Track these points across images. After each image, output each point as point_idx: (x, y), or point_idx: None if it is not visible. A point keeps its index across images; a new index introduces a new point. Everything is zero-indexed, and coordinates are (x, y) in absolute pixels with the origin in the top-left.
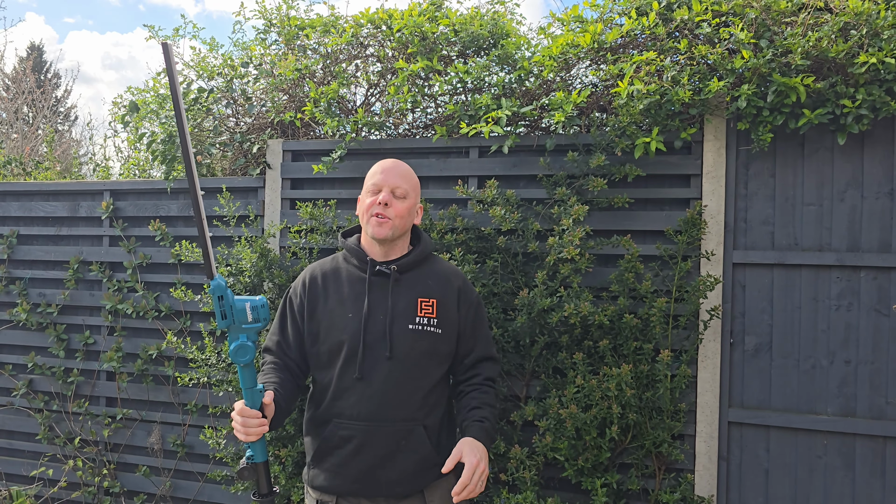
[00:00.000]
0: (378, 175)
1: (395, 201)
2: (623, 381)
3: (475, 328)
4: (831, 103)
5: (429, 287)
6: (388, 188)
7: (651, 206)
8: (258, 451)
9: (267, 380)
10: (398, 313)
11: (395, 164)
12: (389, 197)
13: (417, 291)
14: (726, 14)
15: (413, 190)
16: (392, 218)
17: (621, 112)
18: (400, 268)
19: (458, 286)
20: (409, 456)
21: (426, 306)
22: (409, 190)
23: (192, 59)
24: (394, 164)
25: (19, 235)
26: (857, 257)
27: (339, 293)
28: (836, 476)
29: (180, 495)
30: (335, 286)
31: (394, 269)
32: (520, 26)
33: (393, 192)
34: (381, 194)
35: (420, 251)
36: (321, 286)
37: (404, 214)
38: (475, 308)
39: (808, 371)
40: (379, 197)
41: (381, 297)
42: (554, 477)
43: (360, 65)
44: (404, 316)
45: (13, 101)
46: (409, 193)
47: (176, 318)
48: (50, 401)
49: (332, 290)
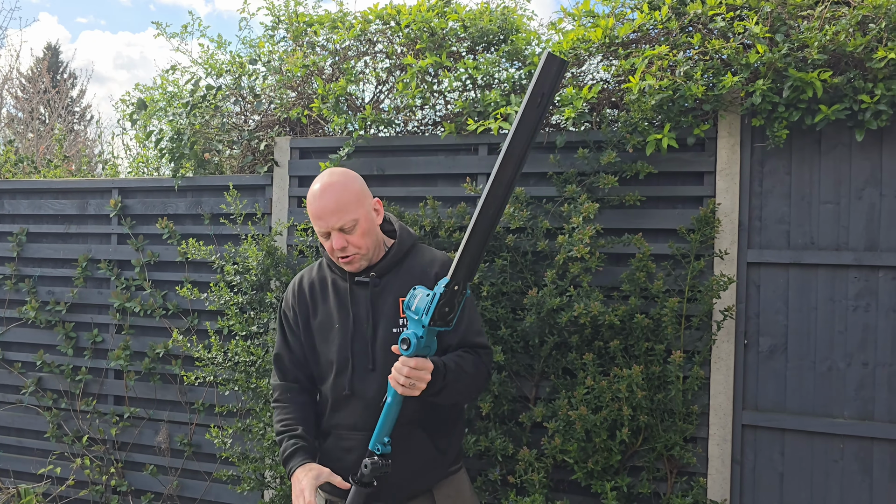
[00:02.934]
0: (318, 221)
1: (348, 236)
2: (634, 383)
3: (461, 315)
4: (849, 99)
5: (408, 285)
6: (335, 230)
7: (663, 203)
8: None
9: (285, 420)
10: (381, 320)
11: (325, 199)
12: (341, 239)
13: (398, 292)
14: (741, 8)
15: (357, 209)
16: (356, 251)
17: (633, 108)
18: (378, 272)
19: (435, 273)
20: (412, 459)
21: None
22: (353, 215)
23: (200, 56)
24: (323, 198)
25: (29, 233)
26: (875, 257)
27: (325, 305)
28: (853, 481)
29: (187, 494)
30: (322, 297)
31: (372, 275)
32: (530, 21)
33: (342, 230)
34: (333, 239)
35: (397, 250)
36: (309, 299)
37: (364, 240)
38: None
39: (824, 373)
40: (333, 243)
41: (364, 305)
42: (563, 480)
43: (369, 61)
44: (388, 321)
45: (29, 101)
46: (357, 216)
47: (183, 317)
48: (58, 399)
49: (320, 300)
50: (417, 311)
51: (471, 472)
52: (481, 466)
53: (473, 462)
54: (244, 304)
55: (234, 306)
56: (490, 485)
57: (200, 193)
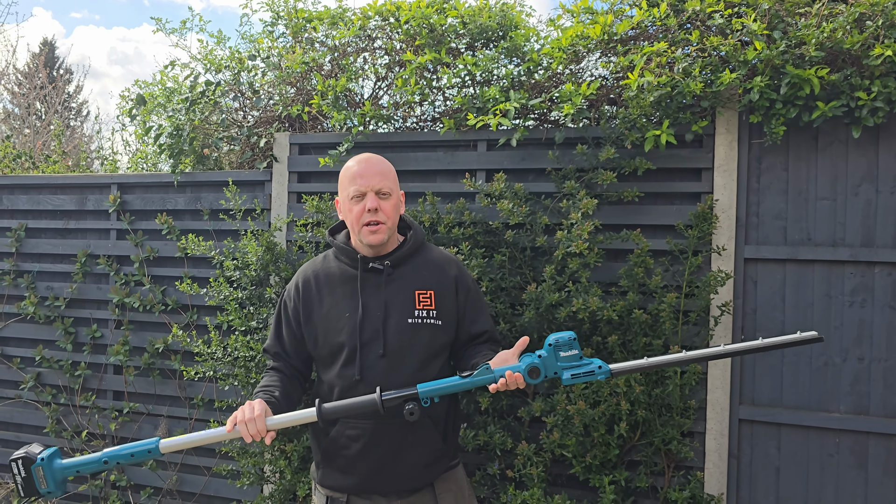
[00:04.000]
0: (358, 179)
1: (381, 202)
2: (632, 378)
3: (475, 314)
4: (846, 96)
5: (424, 278)
6: (373, 191)
7: (661, 200)
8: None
9: (267, 383)
10: (394, 309)
11: (370, 162)
12: (376, 201)
13: (413, 284)
14: (739, 5)
15: (394, 183)
16: (384, 221)
17: (631, 104)
18: (393, 262)
19: (454, 275)
20: (418, 449)
21: (424, 298)
22: (392, 185)
23: (199, 52)
24: (368, 161)
25: (27, 229)
26: (871, 252)
27: (333, 294)
28: (848, 475)
29: (186, 489)
30: (329, 287)
31: (387, 264)
32: (529, 18)
33: (378, 194)
34: (366, 200)
35: (412, 243)
36: (315, 289)
37: (392, 213)
38: (474, 293)
39: (820, 368)
40: (367, 203)
41: (374, 293)
42: (561, 474)
43: (368, 57)
44: (402, 310)
45: (25, 97)
46: (392, 188)
47: (182, 312)
48: (57, 394)
49: (327, 291)
50: (564, 360)
51: (470, 467)
52: (480, 461)
53: (472, 456)
54: (243, 299)
55: (233, 301)
56: (489, 479)
57: (200, 189)
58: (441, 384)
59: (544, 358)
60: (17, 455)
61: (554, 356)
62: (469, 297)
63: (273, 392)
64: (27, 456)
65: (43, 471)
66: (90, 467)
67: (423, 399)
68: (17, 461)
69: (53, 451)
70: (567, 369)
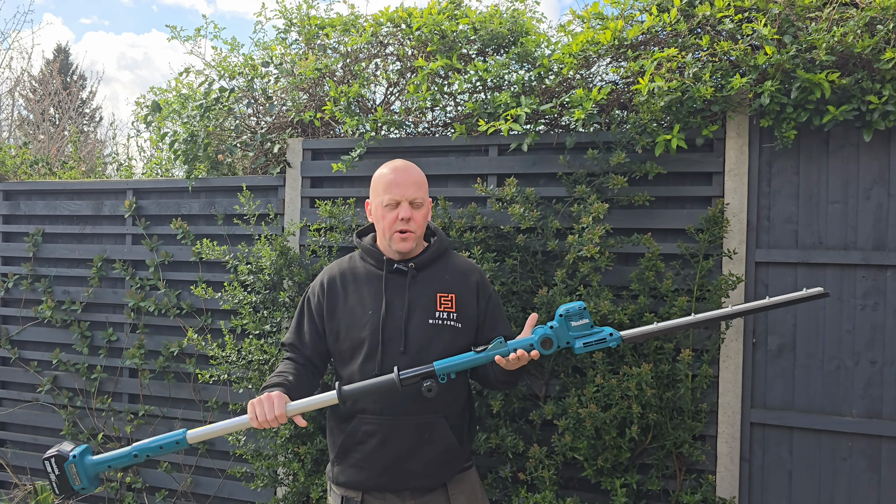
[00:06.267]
0: (394, 188)
1: (414, 212)
2: (643, 381)
3: (495, 321)
4: (857, 99)
5: (447, 282)
6: (407, 201)
7: (672, 204)
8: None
9: (281, 369)
10: (416, 309)
11: (407, 172)
12: (409, 211)
13: (436, 287)
14: (749, 10)
15: (426, 193)
16: (414, 231)
17: (642, 109)
18: (417, 265)
19: (475, 281)
20: (434, 448)
21: (445, 301)
22: (424, 195)
23: (213, 58)
24: (405, 171)
25: (44, 234)
26: (883, 256)
27: (358, 292)
28: (861, 479)
29: (201, 491)
30: (354, 285)
31: (411, 266)
32: (540, 24)
33: (412, 204)
34: (400, 209)
35: (437, 248)
36: (340, 287)
37: (423, 222)
38: (494, 301)
39: (832, 372)
40: (400, 213)
41: (398, 293)
42: (573, 477)
43: (380, 63)
44: (423, 311)
45: (40, 103)
46: (425, 199)
47: (197, 316)
48: (74, 397)
49: (352, 289)
50: (575, 330)
51: (482, 469)
52: (492, 463)
53: (484, 459)
54: (257, 303)
55: (247, 305)
56: (501, 482)
57: (214, 194)
58: (457, 360)
59: (556, 328)
60: (50, 454)
61: (565, 326)
62: (490, 305)
63: (287, 376)
64: (59, 454)
65: (76, 468)
66: (121, 462)
67: (441, 375)
68: (49, 460)
69: (84, 448)
70: (579, 338)
